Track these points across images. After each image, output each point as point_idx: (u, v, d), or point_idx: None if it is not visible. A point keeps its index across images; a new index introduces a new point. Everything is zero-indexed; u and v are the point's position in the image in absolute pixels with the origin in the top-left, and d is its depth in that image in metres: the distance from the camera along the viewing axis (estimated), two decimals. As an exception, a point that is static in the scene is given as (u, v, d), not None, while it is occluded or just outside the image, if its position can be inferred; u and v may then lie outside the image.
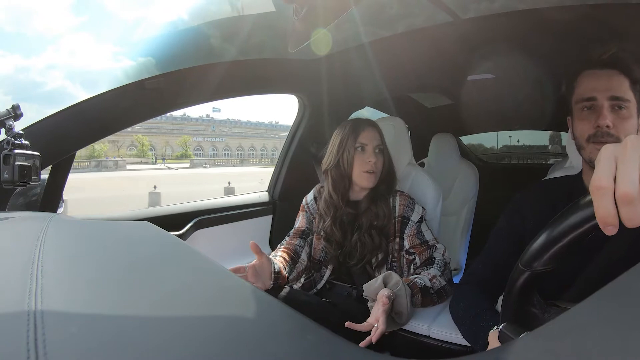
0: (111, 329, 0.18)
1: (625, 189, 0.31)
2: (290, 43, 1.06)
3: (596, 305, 0.18)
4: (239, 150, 65.43)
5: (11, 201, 0.83)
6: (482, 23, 1.02)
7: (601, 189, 0.32)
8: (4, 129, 0.75)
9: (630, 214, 0.30)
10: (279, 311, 0.25)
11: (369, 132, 1.07)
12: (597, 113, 0.65)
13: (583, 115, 0.68)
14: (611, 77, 0.65)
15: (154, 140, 48.65)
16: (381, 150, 1.08)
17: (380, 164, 1.07)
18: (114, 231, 0.49)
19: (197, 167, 42.84)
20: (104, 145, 45.71)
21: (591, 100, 0.66)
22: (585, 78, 0.68)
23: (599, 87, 0.65)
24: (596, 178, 0.33)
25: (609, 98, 0.64)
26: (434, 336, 0.97)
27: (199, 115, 64.01)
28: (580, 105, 0.68)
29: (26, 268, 0.25)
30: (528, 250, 0.47)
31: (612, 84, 0.65)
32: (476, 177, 1.99)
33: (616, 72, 0.65)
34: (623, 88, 0.65)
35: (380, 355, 0.21)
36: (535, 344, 0.17)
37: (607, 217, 0.32)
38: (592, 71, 0.67)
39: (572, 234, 0.41)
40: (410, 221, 1.05)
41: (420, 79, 1.74)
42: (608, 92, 0.64)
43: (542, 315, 0.50)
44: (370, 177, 1.05)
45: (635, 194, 0.30)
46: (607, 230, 0.32)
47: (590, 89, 0.66)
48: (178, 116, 59.67)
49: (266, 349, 0.19)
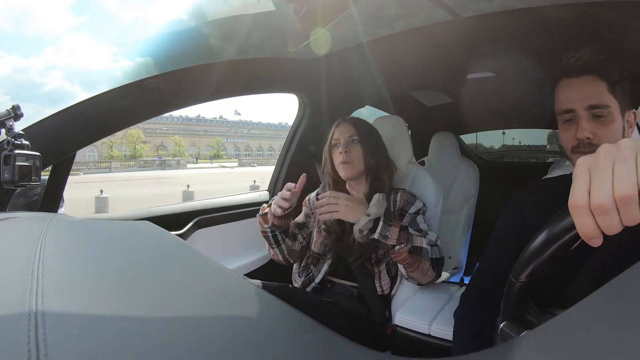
0: (112, 329, 0.18)
1: (599, 200, 0.31)
2: (290, 42, 1.06)
3: (595, 304, 0.18)
4: (258, 150, 67.13)
5: (12, 201, 0.83)
6: (482, 21, 1.02)
7: (577, 208, 0.33)
8: (4, 129, 0.75)
9: (607, 222, 0.31)
10: (280, 310, 0.25)
11: (341, 127, 1.11)
12: (576, 125, 0.64)
13: (565, 126, 0.67)
14: (587, 85, 0.64)
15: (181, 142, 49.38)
16: (356, 141, 1.09)
17: (357, 154, 1.08)
18: (114, 231, 0.49)
19: (245, 166, 44.52)
20: (145, 146, 46.30)
21: (570, 112, 0.65)
22: (562, 88, 0.67)
23: (576, 98, 0.64)
24: (572, 198, 0.33)
25: (587, 108, 0.63)
26: (435, 334, 0.97)
27: (212, 116, 64.56)
28: (561, 117, 0.67)
29: (27, 268, 0.26)
30: (517, 262, 0.48)
31: (588, 92, 0.64)
32: (476, 176, 1.99)
33: (593, 77, 0.64)
34: (600, 94, 0.63)
35: (380, 354, 0.21)
36: (535, 342, 0.17)
37: (588, 232, 0.32)
38: (568, 80, 0.66)
39: (553, 246, 0.42)
40: (408, 213, 1.06)
41: (420, 77, 1.74)
42: (585, 101, 0.63)
43: (537, 322, 0.51)
44: (346, 167, 1.07)
45: (608, 204, 0.31)
46: (592, 242, 0.33)
47: (568, 100, 0.65)
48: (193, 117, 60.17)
49: (267, 347, 0.19)
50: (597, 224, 0.32)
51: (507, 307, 0.52)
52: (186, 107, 1.16)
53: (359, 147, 1.08)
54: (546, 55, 1.32)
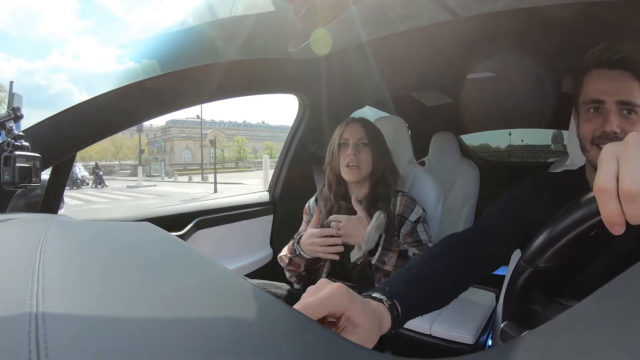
0: (112, 330, 0.18)
1: (629, 186, 0.31)
2: (290, 43, 1.06)
3: (597, 303, 0.18)
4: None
5: (12, 202, 0.83)
6: (482, 21, 1.02)
7: (605, 191, 0.32)
8: (4, 130, 0.75)
9: (634, 210, 0.31)
10: (281, 311, 0.25)
11: (352, 127, 1.08)
12: (604, 117, 0.62)
13: (589, 116, 0.65)
14: (621, 80, 0.62)
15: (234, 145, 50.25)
16: (365, 145, 1.07)
17: (365, 158, 1.06)
18: (114, 232, 0.49)
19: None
20: (248, 149, 47.91)
21: (598, 103, 0.63)
22: (593, 79, 0.65)
23: (608, 90, 0.62)
24: (599, 180, 0.33)
25: (618, 102, 0.61)
26: (435, 335, 0.97)
27: (255, 122, 64.92)
28: (587, 106, 0.65)
29: (27, 269, 0.26)
30: (530, 247, 0.47)
31: (621, 87, 0.62)
32: (477, 176, 1.99)
33: (627, 73, 0.62)
34: (633, 92, 0.61)
35: (381, 354, 0.21)
36: (536, 342, 0.17)
37: (612, 218, 0.32)
38: (601, 71, 0.64)
39: (575, 231, 0.41)
40: (408, 220, 1.05)
41: (421, 77, 1.74)
42: (617, 95, 0.61)
43: (543, 312, 0.50)
44: (352, 171, 1.05)
45: (638, 191, 0.30)
46: (615, 230, 0.33)
47: (598, 91, 0.63)
48: (255, 124, 60.17)
49: (267, 348, 0.19)
50: (622, 211, 0.31)
51: (511, 295, 0.51)
52: (186, 108, 1.16)
53: (368, 150, 1.06)
54: (546, 55, 1.33)
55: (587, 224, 0.39)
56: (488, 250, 0.64)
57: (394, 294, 0.49)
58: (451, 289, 0.59)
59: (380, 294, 0.48)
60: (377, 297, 0.47)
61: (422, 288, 0.53)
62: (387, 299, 0.47)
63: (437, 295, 0.57)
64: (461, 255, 0.61)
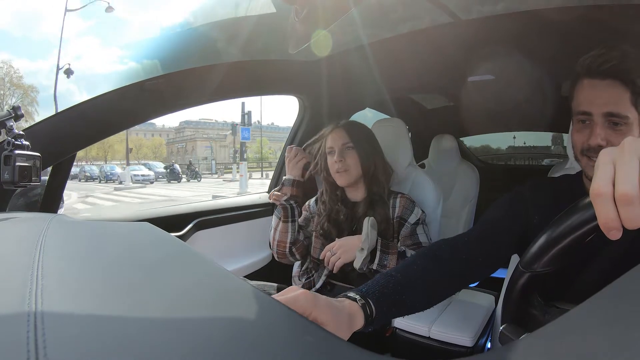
0: (111, 330, 0.18)
1: (624, 190, 0.31)
2: (291, 44, 1.06)
3: (595, 306, 0.18)
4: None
5: (12, 202, 0.83)
6: (483, 24, 1.02)
7: (601, 195, 0.33)
8: (5, 129, 0.75)
9: (630, 214, 0.31)
10: (280, 312, 0.25)
11: (334, 133, 1.09)
12: (591, 129, 0.62)
13: (578, 127, 0.65)
14: (609, 90, 0.61)
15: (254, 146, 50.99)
16: (350, 148, 1.07)
17: (352, 160, 1.06)
18: (114, 232, 0.49)
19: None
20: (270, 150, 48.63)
21: (586, 115, 0.63)
22: (584, 88, 0.64)
23: (596, 101, 0.61)
24: (595, 185, 0.33)
25: (605, 114, 0.61)
26: (434, 337, 0.97)
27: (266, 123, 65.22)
28: (576, 117, 0.65)
29: (27, 269, 0.25)
30: (528, 252, 0.47)
31: (610, 98, 0.60)
32: (476, 178, 2.00)
33: (617, 83, 0.60)
34: (622, 103, 0.60)
35: (380, 356, 0.21)
36: (535, 345, 0.17)
37: (609, 222, 0.32)
38: (591, 81, 0.63)
39: (572, 236, 0.41)
40: (407, 222, 1.05)
41: (421, 80, 1.75)
42: (604, 107, 0.60)
43: (542, 316, 0.50)
44: (342, 175, 1.06)
45: (634, 195, 0.31)
46: (611, 234, 0.33)
47: (587, 102, 0.63)
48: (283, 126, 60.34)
49: (267, 349, 0.19)
50: (618, 215, 0.32)
51: (510, 299, 0.51)
52: (186, 109, 1.16)
53: (353, 153, 1.07)
54: (547, 58, 1.33)
55: (584, 229, 0.40)
56: (481, 253, 0.64)
57: (369, 294, 0.52)
58: (434, 291, 0.61)
59: (355, 294, 0.51)
60: (352, 297, 0.50)
61: (400, 288, 0.55)
62: (360, 297, 0.50)
63: (419, 296, 0.59)
64: (446, 259, 0.63)
